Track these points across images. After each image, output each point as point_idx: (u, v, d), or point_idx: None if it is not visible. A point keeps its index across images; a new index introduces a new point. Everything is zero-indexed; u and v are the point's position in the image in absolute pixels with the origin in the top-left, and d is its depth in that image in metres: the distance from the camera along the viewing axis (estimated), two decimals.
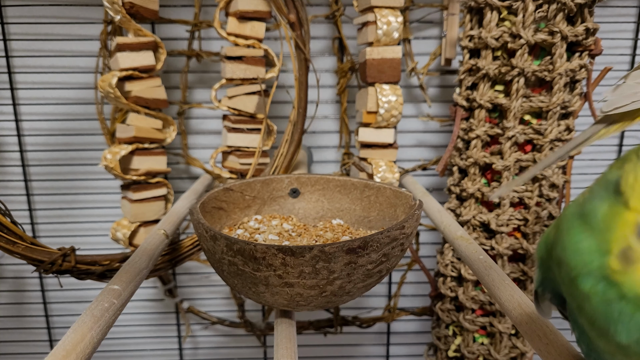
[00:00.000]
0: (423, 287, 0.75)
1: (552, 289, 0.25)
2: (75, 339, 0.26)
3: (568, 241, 0.21)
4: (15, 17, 0.63)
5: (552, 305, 0.26)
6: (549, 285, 0.25)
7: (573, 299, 0.21)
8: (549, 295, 0.25)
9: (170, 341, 0.77)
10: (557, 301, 0.25)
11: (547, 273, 0.25)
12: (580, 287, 0.20)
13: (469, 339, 0.58)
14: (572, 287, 0.21)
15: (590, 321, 0.20)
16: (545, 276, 0.25)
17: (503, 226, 0.54)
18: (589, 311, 0.20)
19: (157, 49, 0.55)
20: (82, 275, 0.48)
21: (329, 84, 0.68)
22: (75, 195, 0.69)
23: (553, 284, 0.25)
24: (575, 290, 0.20)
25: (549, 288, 0.25)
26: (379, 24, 0.53)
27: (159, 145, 0.57)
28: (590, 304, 0.20)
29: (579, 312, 0.21)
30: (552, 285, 0.25)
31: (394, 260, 0.34)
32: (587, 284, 0.20)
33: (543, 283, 0.25)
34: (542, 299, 0.26)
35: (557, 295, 0.25)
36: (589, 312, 0.20)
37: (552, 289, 0.25)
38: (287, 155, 0.54)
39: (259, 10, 0.54)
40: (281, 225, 0.43)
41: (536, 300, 0.27)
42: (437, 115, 0.69)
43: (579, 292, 0.20)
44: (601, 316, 0.19)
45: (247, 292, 0.34)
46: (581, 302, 0.20)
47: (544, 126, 0.51)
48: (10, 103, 0.65)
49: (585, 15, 0.49)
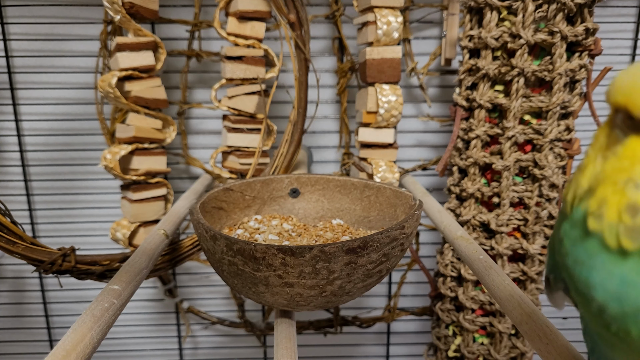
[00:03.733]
0: (423, 287, 0.75)
1: (561, 274, 0.25)
2: (75, 339, 0.26)
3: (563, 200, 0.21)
4: (15, 17, 0.63)
5: (566, 296, 0.26)
6: (558, 270, 0.25)
7: (565, 270, 0.21)
8: (561, 284, 0.25)
9: (170, 341, 0.77)
10: (565, 286, 0.25)
11: (555, 256, 0.24)
12: (564, 244, 0.20)
13: (469, 339, 0.58)
14: (562, 248, 0.20)
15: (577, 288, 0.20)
16: (554, 261, 0.25)
17: (503, 226, 0.54)
18: (573, 272, 0.20)
19: (157, 49, 0.55)
20: (82, 275, 0.48)
21: (329, 84, 0.68)
22: (75, 195, 0.69)
23: (560, 268, 0.24)
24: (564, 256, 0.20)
25: (559, 274, 0.25)
26: (379, 24, 0.53)
27: (159, 145, 0.57)
28: (568, 257, 0.20)
29: (570, 281, 0.21)
30: (559, 270, 0.25)
31: (394, 260, 0.34)
32: (568, 235, 0.20)
33: (553, 269, 0.25)
34: (554, 287, 0.26)
35: (564, 282, 0.25)
36: (573, 272, 0.20)
37: (560, 274, 0.25)
38: (287, 155, 0.54)
39: (259, 10, 0.54)
40: (281, 225, 0.43)
41: (547, 287, 0.26)
42: (437, 115, 0.69)
43: (567, 254, 0.20)
44: (582, 271, 0.19)
45: (247, 292, 0.34)
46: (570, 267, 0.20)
47: (544, 126, 0.51)
48: (10, 103, 0.65)
49: (585, 15, 0.49)
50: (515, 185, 0.53)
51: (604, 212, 0.18)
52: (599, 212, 0.19)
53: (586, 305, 0.20)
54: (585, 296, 0.20)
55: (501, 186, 0.53)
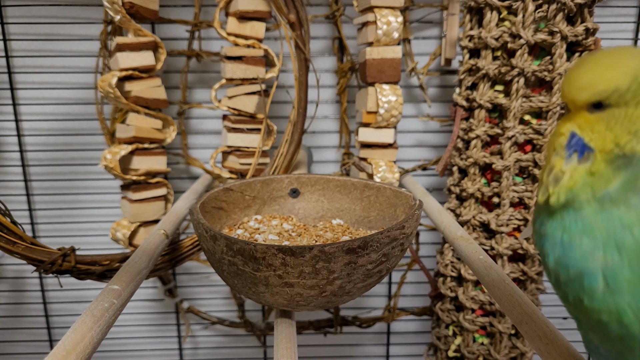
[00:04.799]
0: (423, 287, 0.75)
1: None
2: (75, 339, 0.26)
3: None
4: (15, 17, 0.63)
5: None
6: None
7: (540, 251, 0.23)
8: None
9: (170, 341, 0.77)
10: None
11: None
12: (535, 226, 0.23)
13: (469, 339, 0.58)
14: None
15: (542, 259, 0.22)
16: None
17: (503, 226, 0.54)
18: (535, 242, 0.23)
19: (157, 49, 0.55)
20: (82, 275, 0.48)
21: (329, 84, 0.68)
22: (75, 195, 0.69)
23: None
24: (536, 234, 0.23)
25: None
26: (379, 24, 0.53)
27: (159, 145, 0.57)
28: (536, 234, 0.23)
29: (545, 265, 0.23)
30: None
31: (394, 260, 0.34)
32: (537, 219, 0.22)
33: None
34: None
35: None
36: (535, 243, 0.23)
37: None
38: (287, 155, 0.54)
39: (259, 10, 0.54)
40: (281, 225, 0.43)
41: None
42: (437, 115, 0.69)
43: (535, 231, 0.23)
44: (538, 239, 0.22)
45: (247, 292, 0.34)
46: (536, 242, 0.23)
47: (544, 126, 0.51)
48: (10, 103, 0.65)
49: (585, 15, 0.49)
50: (515, 185, 0.53)
51: (541, 179, 0.22)
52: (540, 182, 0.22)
53: (553, 284, 0.22)
54: (547, 270, 0.22)
55: (501, 186, 0.53)
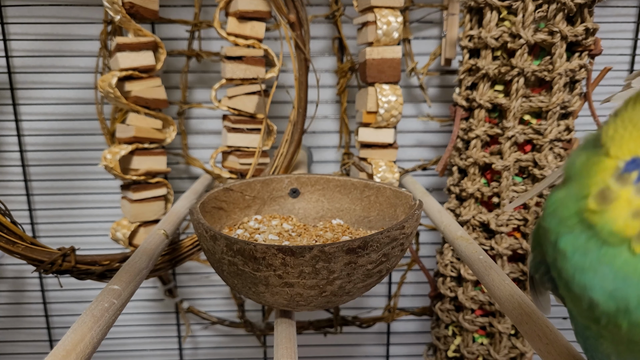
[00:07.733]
0: (423, 287, 0.75)
1: (547, 272, 0.24)
2: (75, 339, 0.26)
3: (549, 202, 0.20)
4: (15, 17, 0.63)
5: (555, 296, 0.25)
6: (543, 268, 0.25)
7: (555, 268, 0.20)
8: (549, 284, 0.25)
9: (170, 341, 0.77)
10: (553, 286, 0.25)
11: (539, 255, 0.24)
12: (559, 246, 0.19)
13: (469, 339, 0.58)
14: (553, 251, 0.20)
15: (567, 285, 0.19)
16: (539, 259, 0.24)
17: (503, 226, 0.54)
18: (567, 270, 0.19)
19: (157, 49, 0.55)
20: (82, 275, 0.48)
21: (329, 84, 0.68)
22: (75, 195, 0.69)
23: (546, 267, 0.24)
24: (555, 253, 0.20)
25: (545, 272, 0.25)
26: (379, 24, 0.53)
27: (159, 145, 0.57)
28: (567, 261, 0.19)
29: (559, 279, 0.20)
30: (545, 269, 0.24)
31: (394, 260, 0.34)
32: (564, 240, 0.19)
33: (538, 267, 0.25)
34: (539, 288, 0.26)
35: (552, 280, 0.24)
36: (567, 271, 0.19)
37: (547, 272, 0.24)
38: (287, 155, 0.54)
39: (259, 10, 0.54)
40: (281, 225, 0.43)
41: (532, 288, 0.26)
42: (437, 115, 0.69)
43: (558, 252, 0.19)
44: (577, 271, 0.19)
45: (247, 292, 0.34)
46: (560, 264, 0.19)
47: (544, 126, 0.51)
48: (10, 103, 0.65)
49: (585, 15, 0.49)
50: (515, 185, 0.53)
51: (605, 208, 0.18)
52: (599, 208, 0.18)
53: (576, 302, 0.20)
54: (576, 294, 0.19)
55: (501, 186, 0.53)
